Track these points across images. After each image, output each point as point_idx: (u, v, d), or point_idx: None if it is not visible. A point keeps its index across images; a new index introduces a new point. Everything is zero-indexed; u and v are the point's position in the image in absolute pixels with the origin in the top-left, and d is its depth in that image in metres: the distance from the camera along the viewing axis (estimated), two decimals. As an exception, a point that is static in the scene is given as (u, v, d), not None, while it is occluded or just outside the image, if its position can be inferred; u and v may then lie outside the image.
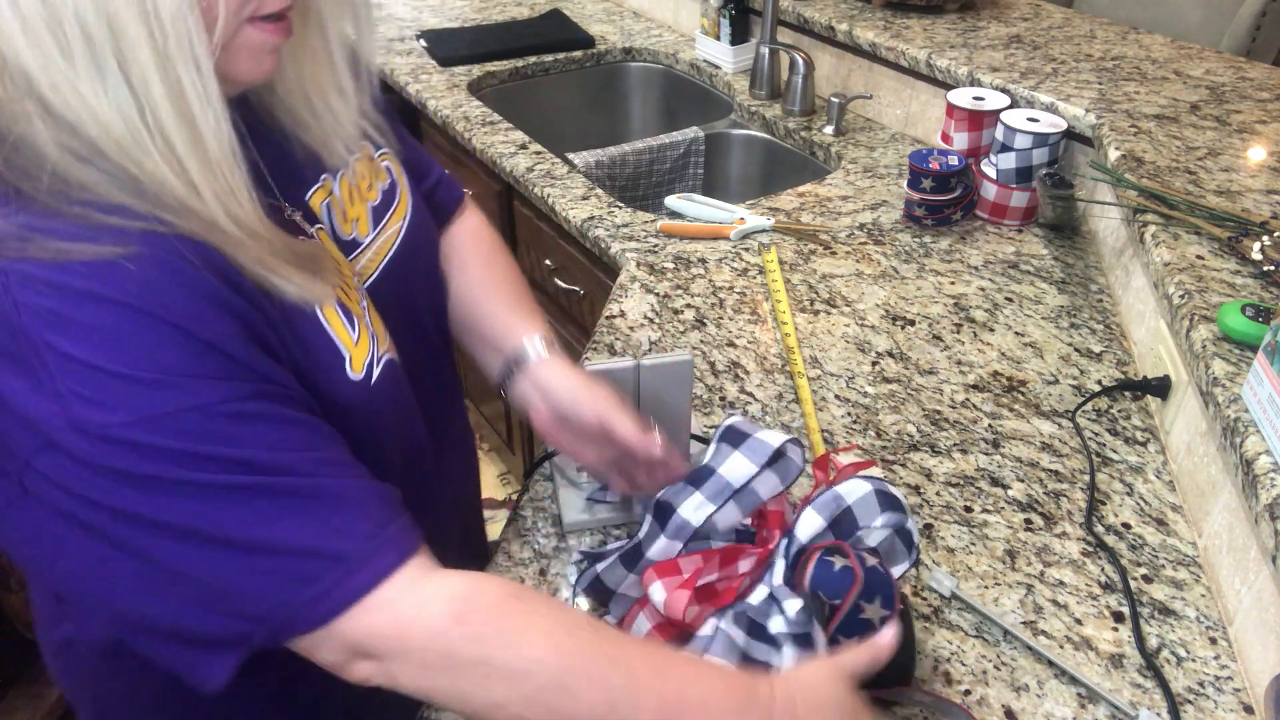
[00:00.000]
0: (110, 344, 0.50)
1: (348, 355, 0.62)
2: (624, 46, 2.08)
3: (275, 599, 0.54)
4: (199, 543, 0.53)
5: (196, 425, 0.52)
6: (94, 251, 0.51)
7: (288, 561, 0.53)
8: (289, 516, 0.54)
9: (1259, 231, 1.01)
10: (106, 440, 0.50)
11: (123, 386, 0.50)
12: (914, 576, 0.83)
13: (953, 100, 1.40)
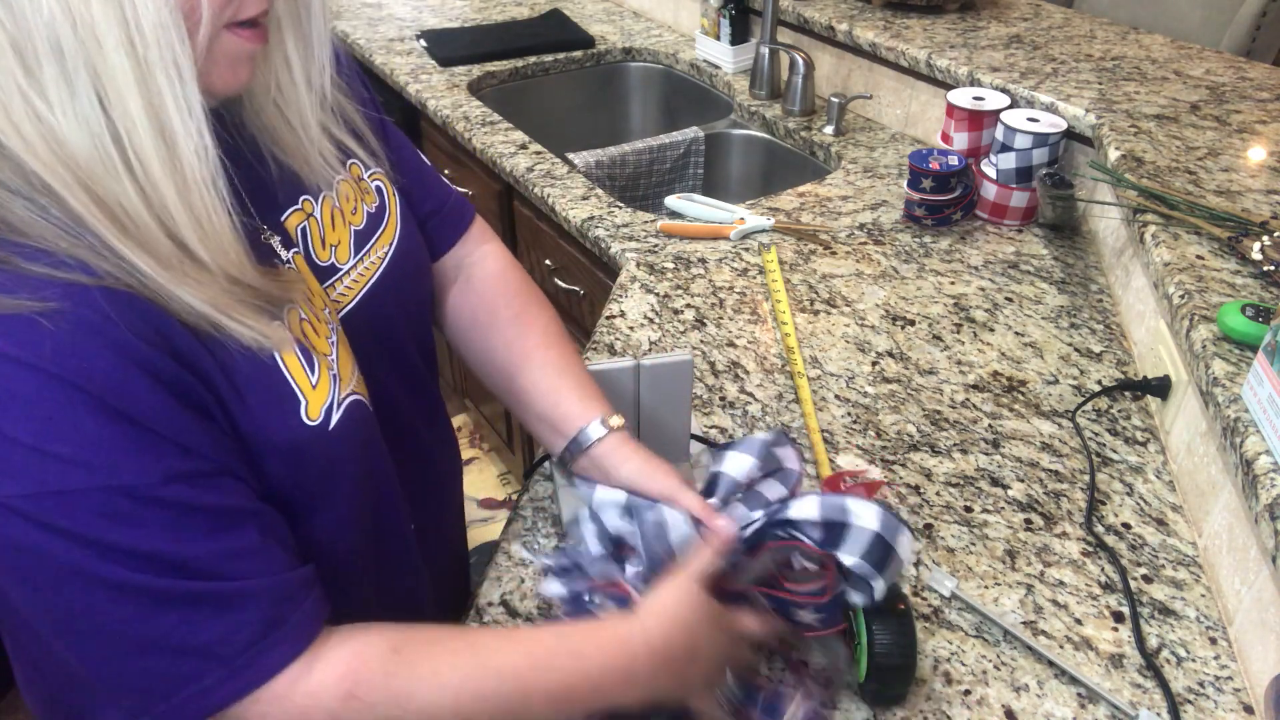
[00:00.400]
0: (20, 412, 0.47)
1: (304, 400, 0.59)
2: (624, 46, 2.09)
3: (157, 693, 0.52)
4: (85, 629, 0.51)
5: (103, 506, 0.49)
6: (12, 305, 0.47)
7: (174, 658, 0.52)
8: (181, 613, 0.52)
9: (1259, 231, 1.01)
10: (9, 510, 0.48)
11: (30, 458, 0.48)
12: (914, 577, 0.83)
13: (953, 100, 1.40)
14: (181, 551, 0.51)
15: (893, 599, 0.71)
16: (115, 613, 0.50)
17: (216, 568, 0.53)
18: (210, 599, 0.52)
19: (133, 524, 0.50)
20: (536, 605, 0.81)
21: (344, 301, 0.68)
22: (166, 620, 0.51)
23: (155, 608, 0.51)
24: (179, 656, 0.52)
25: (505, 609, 0.80)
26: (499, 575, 0.84)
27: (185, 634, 0.52)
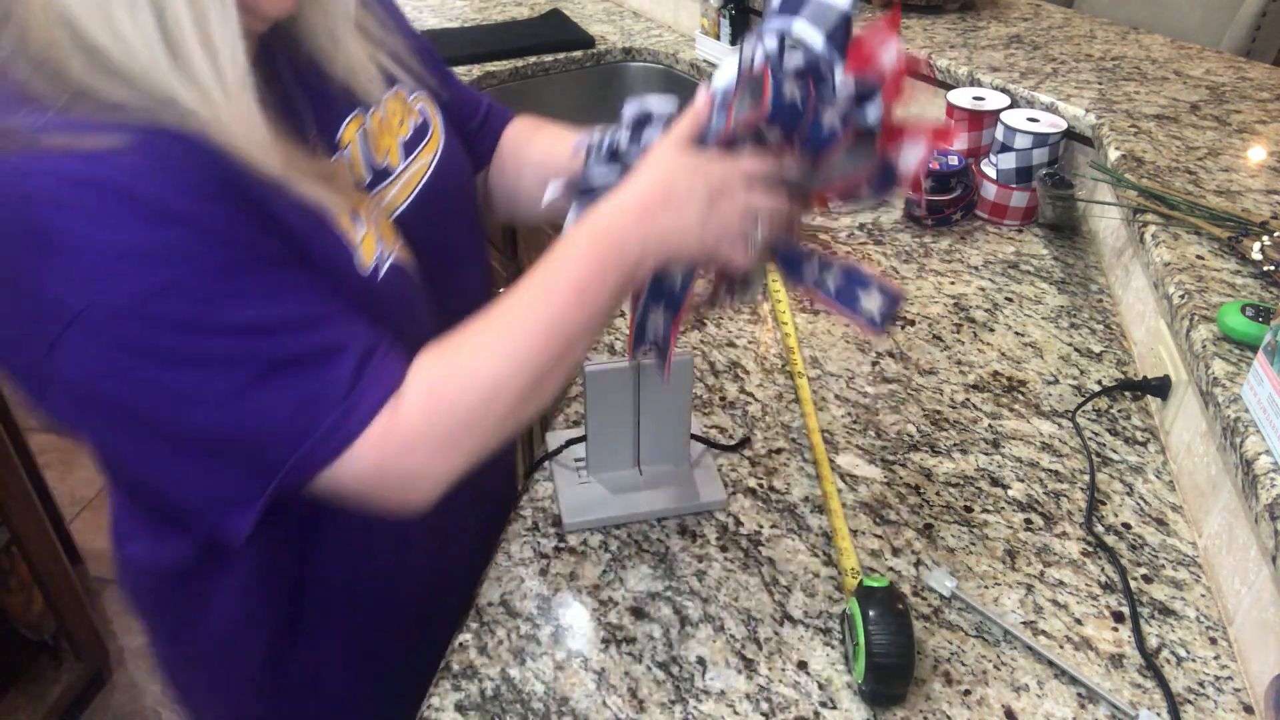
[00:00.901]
0: (116, 224, 0.54)
1: (355, 250, 0.66)
2: (624, 46, 2.08)
3: (283, 447, 0.59)
4: (210, 406, 0.57)
5: (199, 293, 0.56)
6: (94, 143, 0.54)
7: (289, 415, 0.58)
8: (286, 374, 0.58)
9: (1259, 231, 1.01)
10: (120, 313, 0.54)
11: (129, 263, 0.54)
12: (914, 577, 0.83)
13: (953, 100, 1.40)
14: (278, 314, 0.58)
15: (891, 599, 0.71)
16: (236, 378, 0.57)
17: (311, 325, 0.60)
18: (312, 353, 0.59)
19: (228, 302, 0.56)
20: (536, 605, 0.81)
21: (398, 203, 0.75)
22: (278, 381, 0.58)
23: (265, 371, 0.58)
24: (296, 410, 0.58)
25: (505, 609, 0.80)
26: (499, 575, 0.84)
27: (296, 385, 0.58)
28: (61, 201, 0.53)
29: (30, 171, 0.53)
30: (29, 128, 0.54)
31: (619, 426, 0.89)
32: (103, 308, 0.54)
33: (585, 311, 0.65)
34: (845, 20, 0.65)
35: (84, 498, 2.31)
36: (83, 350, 0.55)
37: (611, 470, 0.92)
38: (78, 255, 0.53)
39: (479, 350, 0.64)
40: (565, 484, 0.92)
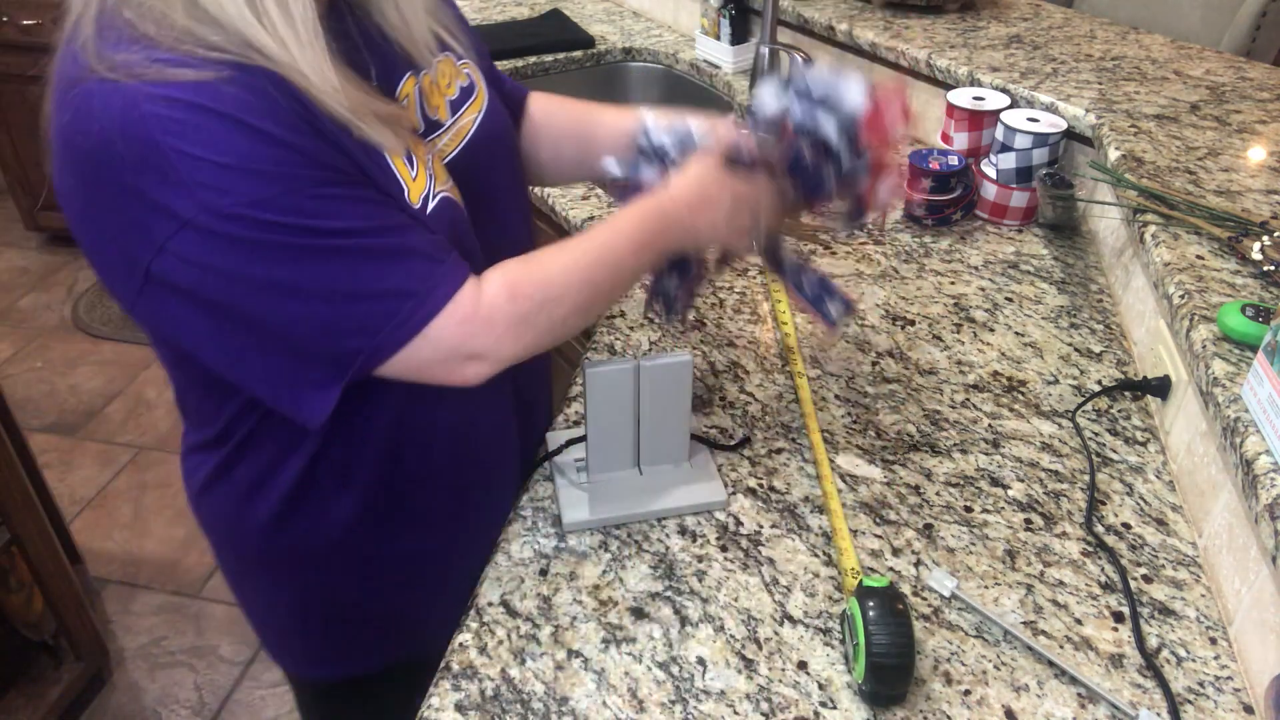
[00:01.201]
0: (219, 144, 0.62)
1: (406, 188, 0.74)
2: (624, 46, 2.08)
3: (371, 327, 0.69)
4: (311, 294, 0.67)
5: (293, 203, 0.65)
6: (195, 75, 0.62)
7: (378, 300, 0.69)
8: (374, 266, 0.68)
9: (1259, 231, 1.01)
10: (227, 217, 0.63)
11: (234, 176, 0.63)
12: (914, 577, 0.83)
13: (953, 100, 1.40)
14: (363, 223, 0.68)
15: (891, 599, 0.71)
16: (327, 273, 0.67)
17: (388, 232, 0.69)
18: (393, 252, 0.69)
19: (320, 212, 0.66)
20: (536, 605, 0.81)
21: (447, 153, 0.84)
22: (364, 271, 0.68)
23: (355, 263, 0.67)
24: (381, 294, 0.69)
25: (505, 609, 0.80)
26: (499, 576, 0.84)
27: (382, 275, 0.68)
28: (175, 123, 0.61)
29: (146, 97, 0.61)
30: (141, 61, 0.62)
31: (619, 427, 0.89)
32: (212, 213, 0.62)
33: (636, 261, 0.80)
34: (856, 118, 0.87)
35: (84, 498, 2.31)
36: (191, 252, 0.64)
37: (611, 471, 0.92)
38: (191, 169, 0.62)
39: (554, 263, 0.76)
40: (565, 484, 0.92)
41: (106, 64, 0.62)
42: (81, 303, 3.00)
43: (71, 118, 0.63)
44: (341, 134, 0.69)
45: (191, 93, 0.62)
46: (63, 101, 0.64)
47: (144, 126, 0.61)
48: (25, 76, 2.84)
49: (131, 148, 0.61)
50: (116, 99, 0.61)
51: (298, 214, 0.65)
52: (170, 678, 1.89)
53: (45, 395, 2.64)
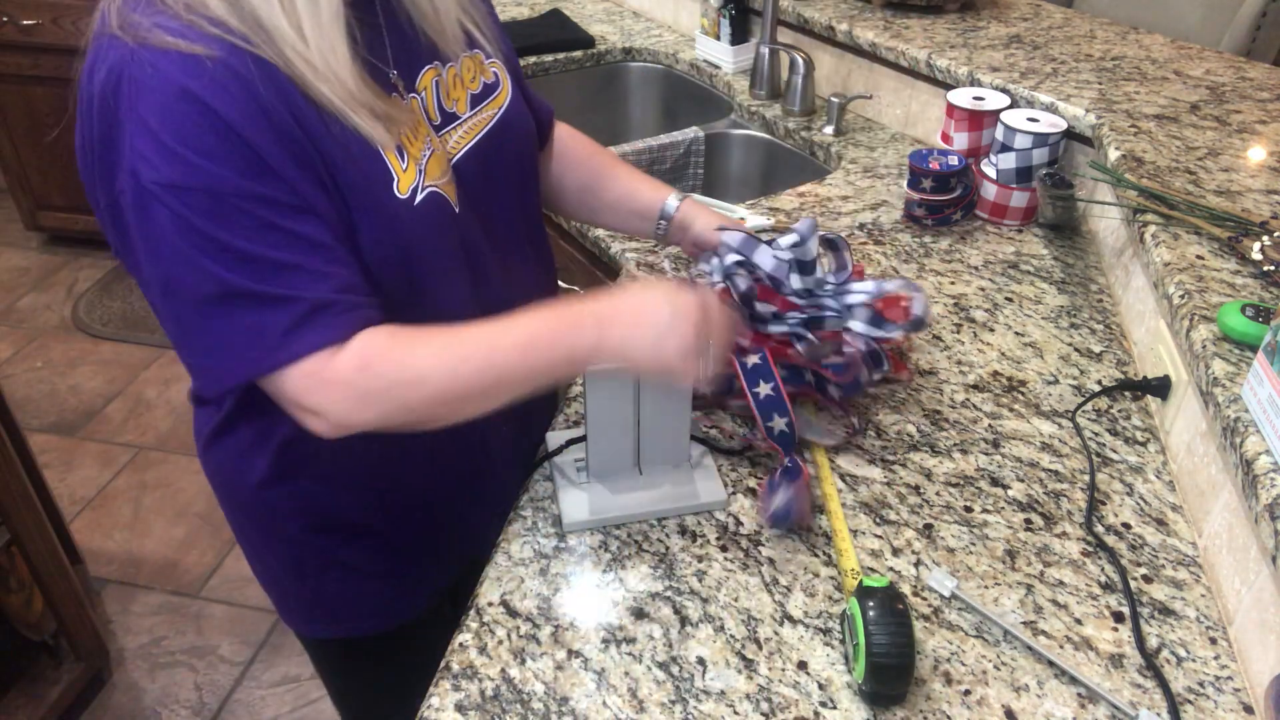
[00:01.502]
0: (172, 120, 0.65)
1: (396, 178, 0.76)
2: (624, 46, 2.08)
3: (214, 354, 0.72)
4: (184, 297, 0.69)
5: (207, 204, 0.66)
6: (186, 47, 0.65)
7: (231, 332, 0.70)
8: (244, 301, 0.69)
9: (1259, 231, 1.01)
10: (144, 190, 0.66)
11: (166, 155, 0.65)
12: (914, 577, 0.83)
13: (953, 100, 1.40)
14: (254, 252, 0.68)
15: (891, 599, 0.71)
16: (200, 287, 0.68)
17: (279, 272, 0.69)
18: (266, 296, 0.69)
19: (223, 223, 0.67)
20: (536, 605, 0.81)
21: (460, 145, 0.85)
22: (233, 303, 0.69)
23: (227, 291, 0.68)
24: (235, 332, 0.70)
25: (505, 609, 0.80)
26: (499, 575, 0.84)
27: (242, 315, 0.69)
28: (146, 90, 0.65)
29: (135, 60, 0.65)
30: (146, 25, 0.66)
31: (619, 427, 0.89)
32: (135, 180, 0.66)
33: (524, 364, 0.76)
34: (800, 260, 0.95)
35: (84, 498, 2.31)
36: (130, 205, 0.68)
37: (611, 471, 0.92)
38: (136, 136, 0.65)
39: (421, 346, 0.74)
40: (565, 484, 0.92)
41: (121, 22, 0.67)
42: (81, 303, 3.00)
43: (86, 65, 0.69)
44: (329, 124, 0.71)
45: (175, 65, 0.65)
46: (88, 51, 0.69)
47: (120, 86, 0.66)
48: (25, 76, 2.84)
49: (107, 103, 0.66)
50: (115, 55, 0.66)
51: (205, 216, 0.67)
52: (170, 678, 1.89)
53: (45, 395, 2.64)
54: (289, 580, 0.95)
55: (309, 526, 0.90)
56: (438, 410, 0.75)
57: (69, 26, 2.72)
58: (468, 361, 0.74)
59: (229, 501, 0.94)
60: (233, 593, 2.07)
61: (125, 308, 2.97)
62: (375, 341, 0.73)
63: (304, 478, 0.87)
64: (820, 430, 0.97)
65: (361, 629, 0.98)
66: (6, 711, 1.70)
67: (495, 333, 0.76)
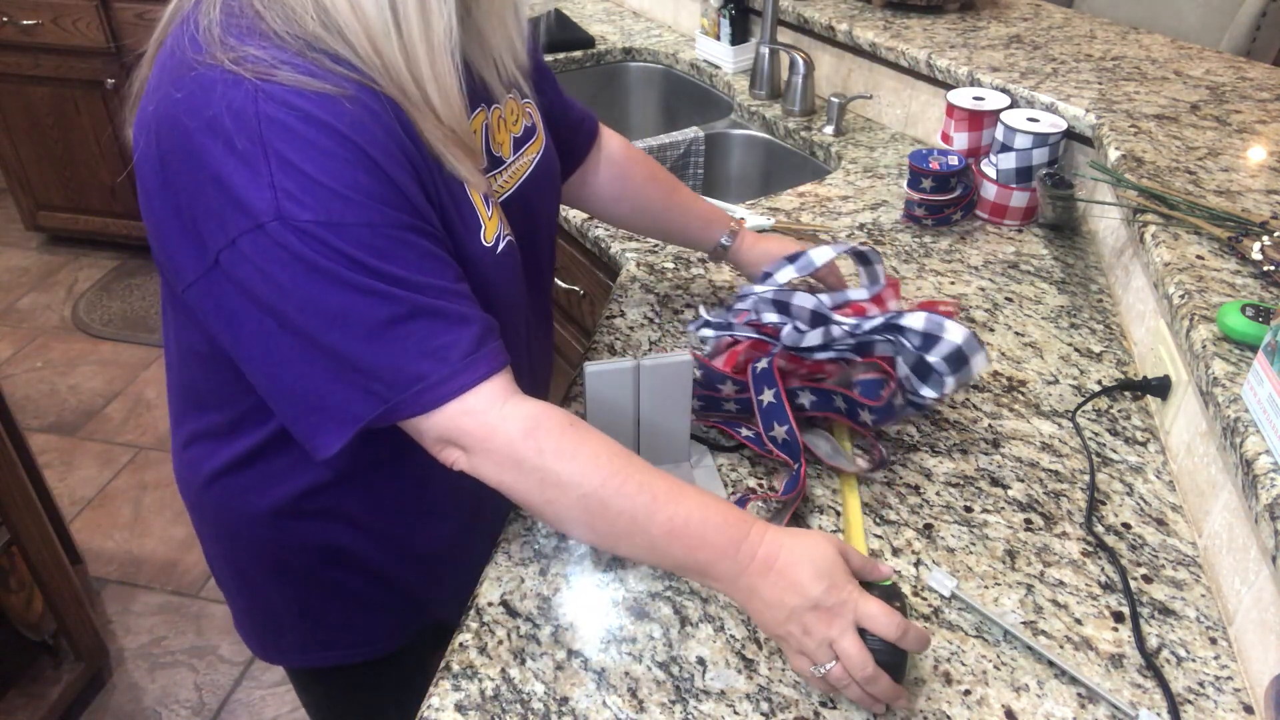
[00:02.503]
0: (321, 158, 0.63)
1: (483, 226, 0.76)
2: (624, 46, 2.09)
3: (398, 384, 0.67)
4: (351, 330, 0.66)
5: (367, 238, 0.65)
6: (320, 86, 0.64)
7: (412, 359, 0.67)
8: (419, 325, 0.67)
9: (1259, 231, 1.01)
10: (301, 232, 0.63)
11: (323, 193, 0.63)
12: (914, 577, 0.83)
13: (953, 100, 1.40)
14: (419, 280, 0.67)
15: (889, 598, 0.71)
16: (378, 314, 0.66)
17: (443, 296, 0.68)
18: (441, 316, 0.68)
19: (388, 254, 0.66)
20: (536, 605, 0.81)
21: (505, 189, 0.85)
22: (414, 325, 0.67)
23: (405, 315, 0.66)
24: (418, 357, 0.67)
25: (505, 609, 0.80)
26: (499, 575, 0.84)
27: (425, 337, 0.67)
28: (288, 129, 0.62)
29: (269, 97, 0.62)
30: (270, 60, 0.63)
31: (619, 427, 0.89)
32: (286, 223, 0.63)
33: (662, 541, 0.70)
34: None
35: (84, 498, 2.31)
36: (257, 253, 0.64)
37: None
38: (283, 175, 0.62)
39: (591, 447, 0.71)
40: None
41: (232, 54, 0.64)
42: (81, 303, 3.00)
43: (185, 96, 0.64)
44: (434, 168, 0.70)
45: (314, 104, 0.63)
46: (177, 79, 0.65)
47: (258, 124, 0.62)
48: (25, 76, 2.84)
49: (238, 140, 0.62)
50: (239, 92, 0.63)
51: (367, 250, 0.65)
52: (170, 678, 1.89)
53: (45, 395, 2.64)
54: (287, 613, 0.92)
55: (321, 561, 0.88)
56: (565, 519, 0.72)
57: (69, 26, 2.72)
58: (621, 498, 0.70)
59: (227, 536, 0.90)
60: (233, 593, 2.07)
61: (125, 308, 2.97)
62: (553, 417, 0.71)
63: (328, 517, 0.85)
64: (846, 458, 0.95)
65: (359, 655, 0.96)
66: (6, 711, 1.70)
67: (657, 494, 0.70)
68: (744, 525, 0.71)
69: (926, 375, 0.91)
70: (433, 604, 0.96)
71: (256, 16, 0.65)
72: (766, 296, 1.00)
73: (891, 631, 0.67)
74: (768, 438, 0.90)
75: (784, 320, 0.99)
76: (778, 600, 0.69)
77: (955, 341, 0.89)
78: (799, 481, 0.87)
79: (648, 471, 0.72)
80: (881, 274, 1.05)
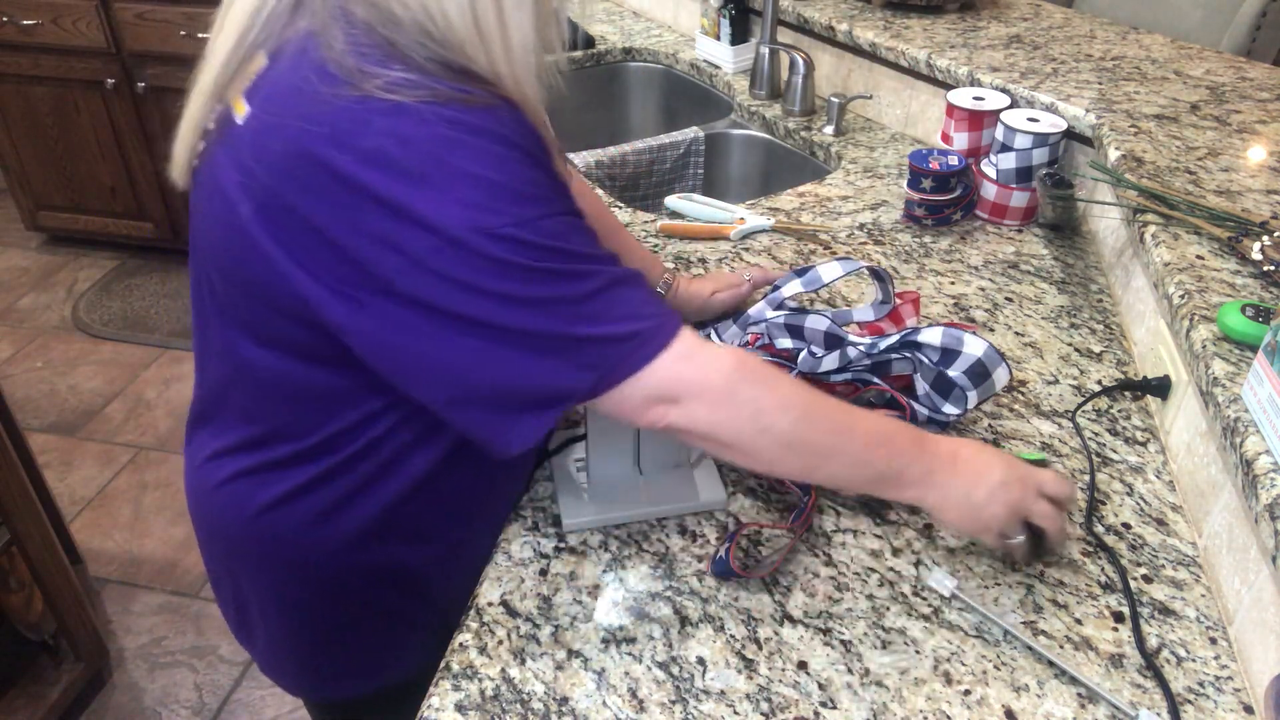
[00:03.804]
0: (496, 164, 0.65)
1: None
2: (624, 46, 2.08)
3: (611, 350, 0.69)
4: (555, 311, 0.68)
5: (552, 227, 0.67)
6: (475, 100, 0.66)
7: (621, 322, 0.69)
8: (617, 292, 0.70)
9: (1259, 231, 1.01)
10: (499, 238, 0.65)
11: (507, 197, 0.65)
12: (914, 577, 0.83)
13: (953, 100, 1.40)
14: (602, 252, 0.70)
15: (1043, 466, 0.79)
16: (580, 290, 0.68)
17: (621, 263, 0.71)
18: (631, 280, 0.71)
19: (571, 237, 0.69)
20: (536, 605, 0.81)
21: None
22: (613, 294, 0.69)
23: (605, 286, 0.69)
24: (625, 318, 0.69)
25: (505, 609, 0.80)
26: (499, 575, 0.84)
27: (625, 301, 0.70)
28: (461, 144, 0.64)
29: (437, 117, 0.64)
30: (418, 80, 0.65)
31: (619, 427, 0.89)
32: (484, 233, 0.64)
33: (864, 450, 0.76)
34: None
35: (84, 498, 2.31)
36: (452, 267, 0.65)
37: (612, 471, 0.92)
38: (469, 188, 0.64)
39: (787, 378, 0.75)
40: (565, 484, 0.92)
41: (379, 80, 0.64)
42: (81, 303, 3.00)
43: (330, 130, 0.64)
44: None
45: (478, 117, 0.65)
46: (311, 113, 0.64)
47: (432, 145, 0.64)
48: (25, 76, 2.84)
49: (410, 165, 0.63)
50: (402, 119, 0.63)
51: (556, 237, 0.67)
52: (170, 678, 1.89)
53: (45, 395, 2.64)
54: (334, 640, 0.89)
55: (379, 580, 0.86)
56: (778, 446, 0.74)
57: (69, 26, 2.72)
58: (825, 417, 0.75)
59: (283, 564, 0.85)
60: (233, 593, 2.06)
61: (125, 308, 2.97)
62: (745, 355, 0.74)
63: (397, 534, 0.83)
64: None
65: (396, 678, 0.93)
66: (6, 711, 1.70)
67: (850, 410, 0.77)
68: (917, 430, 0.79)
69: (948, 391, 0.91)
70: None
71: (387, 43, 0.66)
72: (778, 321, 0.99)
73: (1064, 488, 0.80)
74: None
75: (798, 345, 0.98)
76: (972, 485, 0.77)
77: (975, 354, 0.88)
78: (804, 513, 0.86)
79: (841, 404, 0.77)
80: (892, 293, 1.04)
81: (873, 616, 0.80)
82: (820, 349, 0.94)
